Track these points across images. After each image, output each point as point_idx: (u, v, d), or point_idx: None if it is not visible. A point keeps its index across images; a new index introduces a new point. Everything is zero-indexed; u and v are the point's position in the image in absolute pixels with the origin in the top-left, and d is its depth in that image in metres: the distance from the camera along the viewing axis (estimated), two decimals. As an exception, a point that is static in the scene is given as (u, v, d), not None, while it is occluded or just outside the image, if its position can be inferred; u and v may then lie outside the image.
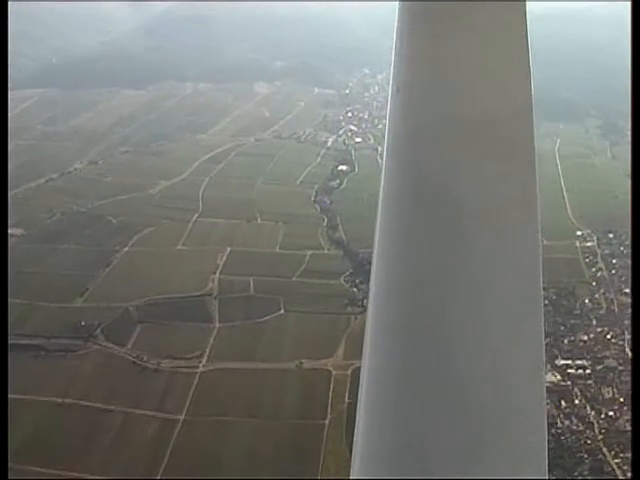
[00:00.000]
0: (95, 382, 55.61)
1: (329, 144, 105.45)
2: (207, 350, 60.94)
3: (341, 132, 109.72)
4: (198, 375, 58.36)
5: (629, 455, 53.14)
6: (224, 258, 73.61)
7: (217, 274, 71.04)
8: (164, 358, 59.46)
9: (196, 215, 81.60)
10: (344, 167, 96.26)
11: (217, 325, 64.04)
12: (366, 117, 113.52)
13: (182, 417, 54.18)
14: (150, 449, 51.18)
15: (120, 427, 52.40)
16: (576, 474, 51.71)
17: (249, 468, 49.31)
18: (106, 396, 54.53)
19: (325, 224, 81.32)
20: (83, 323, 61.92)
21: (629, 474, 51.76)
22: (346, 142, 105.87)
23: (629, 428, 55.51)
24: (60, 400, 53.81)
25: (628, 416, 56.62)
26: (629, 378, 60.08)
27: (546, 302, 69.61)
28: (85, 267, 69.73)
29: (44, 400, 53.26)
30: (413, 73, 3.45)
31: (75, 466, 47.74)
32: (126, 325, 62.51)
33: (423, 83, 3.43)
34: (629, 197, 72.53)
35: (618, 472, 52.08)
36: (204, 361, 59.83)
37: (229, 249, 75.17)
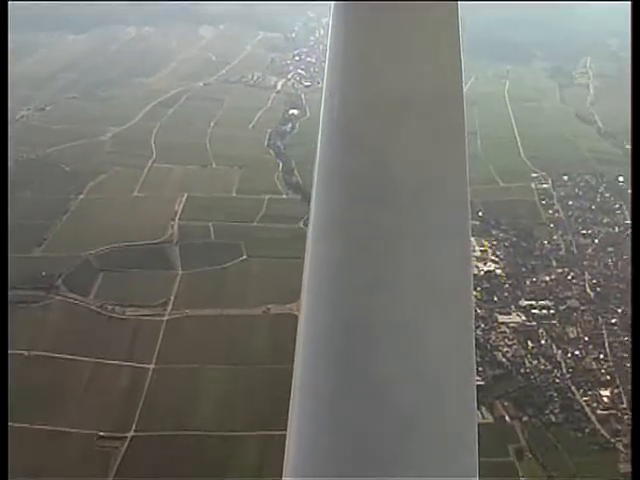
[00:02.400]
0: (61, 333, 54.39)
1: (278, 88, 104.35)
2: (172, 297, 60.09)
3: (290, 76, 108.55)
4: (164, 323, 57.52)
5: (597, 393, 53.99)
6: (182, 204, 72.46)
7: (176, 220, 69.97)
8: (128, 307, 58.47)
9: (150, 161, 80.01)
10: (295, 111, 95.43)
11: (180, 272, 63.16)
12: (314, 61, 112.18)
13: (152, 366, 53.43)
14: (123, 399, 50.48)
15: (90, 378, 51.51)
16: (547, 412, 52.29)
17: (224, 413, 48.92)
18: (73, 347, 53.42)
19: (281, 168, 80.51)
20: (43, 274, 60.39)
21: (598, 411, 52.59)
22: (295, 86, 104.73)
23: (595, 366, 56.34)
24: (27, 353, 52.51)
25: (594, 355, 57.55)
26: (592, 318, 60.95)
27: (506, 244, 70.49)
28: (41, 216, 67.94)
29: (9, 353, 51.78)
30: (347, 61, 3.43)
31: (49, 420, 46.66)
32: (87, 274, 61.27)
33: (357, 69, 3.39)
34: (581, 139, 73.33)
35: (587, 409, 52.86)
36: (169, 309, 58.99)
37: (186, 195, 73.98)
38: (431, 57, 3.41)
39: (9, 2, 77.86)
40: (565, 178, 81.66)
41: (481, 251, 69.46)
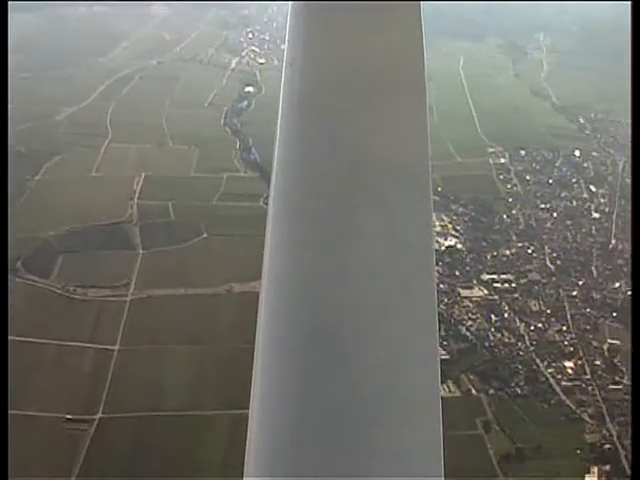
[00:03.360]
0: (23, 316, 53.53)
1: (233, 66, 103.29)
2: (133, 278, 59.53)
3: (244, 53, 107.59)
4: (128, 304, 56.98)
5: (561, 364, 54.73)
6: (140, 184, 71.60)
7: (135, 200, 69.13)
8: (90, 288, 57.79)
9: (107, 141, 78.80)
10: (251, 89, 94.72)
11: (140, 252, 62.59)
12: (267, 38, 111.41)
13: (117, 347, 52.94)
14: (89, 381, 49.99)
15: (55, 360, 50.91)
16: (512, 384, 52.94)
17: (191, 394, 48.77)
18: (36, 330, 52.70)
19: (238, 146, 80.00)
20: (2, 256, 59.42)
21: (563, 383, 53.31)
22: (250, 64, 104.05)
23: (558, 338, 57.09)
24: (-12, 336, 51.72)
25: (556, 327, 58.32)
26: (553, 291, 61.66)
27: (466, 219, 70.77)
28: (-3, 197, 66.73)
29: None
30: (307, 46, 3.43)
31: (14, 404, 45.90)
32: (47, 256, 60.43)
33: (318, 56, 3.41)
34: (536, 114, 74.01)
35: (552, 381, 53.59)
36: (132, 289, 58.44)
37: (144, 174, 73.05)
38: (392, 35, 3.42)
39: (9, 2, 76.55)
40: (522, 153, 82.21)
41: (441, 226, 69.80)
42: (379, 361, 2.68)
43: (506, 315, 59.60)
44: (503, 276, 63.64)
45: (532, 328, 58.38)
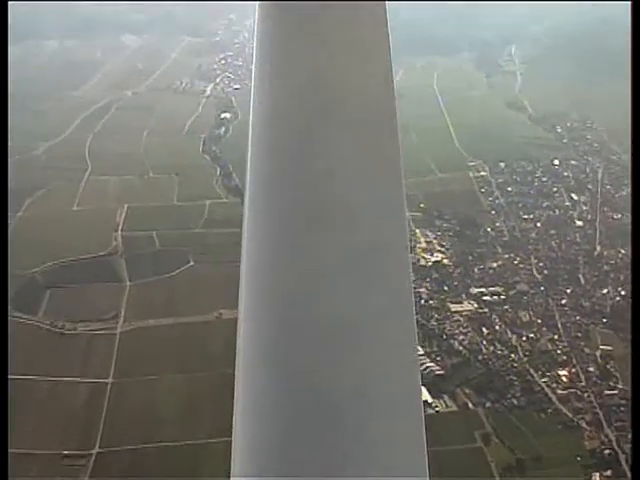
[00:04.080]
0: (13, 353, 52.87)
1: (208, 93, 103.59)
2: (122, 310, 59.37)
3: (218, 80, 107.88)
4: (118, 336, 56.76)
5: (555, 373, 54.80)
6: (123, 215, 71.47)
7: (119, 232, 69.03)
8: (79, 322, 57.50)
9: (87, 174, 78.63)
10: (227, 115, 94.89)
11: (128, 283, 62.42)
12: (240, 63, 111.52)
13: (110, 380, 52.62)
14: (84, 416, 49.68)
15: (48, 397, 50.52)
16: (508, 396, 53.01)
17: (187, 422, 48.49)
18: (27, 367, 52.31)
19: (218, 173, 79.99)
20: (-11, 294, 58.97)
21: (558, 391, 53.38)
22: (224, 90, 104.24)
23: (551, 348, 57.18)
24: (-21, 377, 51.22)
25: (548, 337, 58.40)
26: (542, 300, 61.84)
27: (450, 233, 71.04)
28: (-19, 236, 66.32)
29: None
30: (276, 61, 3.36)
31: (11, 442, 45.35)
32: (34, 292, 60.10)
33: (287, 71, 3.32)
34: (513, 125, 74.38)
35: (547, 390, 53.67)
36: (121, 321, 58.30)
37: (126, 205, 72.94)
38: (360, 52, 3.33)
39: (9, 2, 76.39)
40: (502, 165, 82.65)
41: (427, 242, 69.96)
42: (358, 365, 2.65)
43: (497, 327, 59.72)
44: (492, 289, 63.76)
45: (524, 339, 58.50)
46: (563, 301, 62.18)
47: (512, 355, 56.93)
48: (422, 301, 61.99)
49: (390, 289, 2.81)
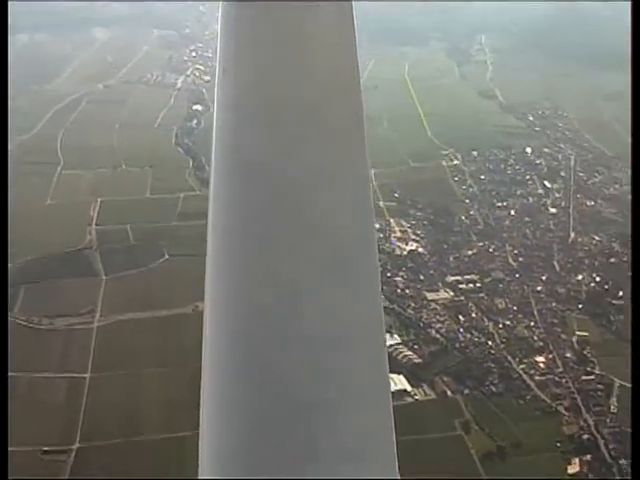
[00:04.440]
0: (-11, 350, 52.66)
1: (179, 85, 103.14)
2: (99, 304, 59.01)
3: (189, 72, 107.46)
4: (95, 330, 56.36)
5: (532, 360, 55.12)
6: (97, 209, 71.12)
7: (93, 226, 68.67)
8: (56, 317, 57.05)
9: (59, 168, 78.07)
10: (199, 107, 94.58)
11: (104, 277, 62.05)
12: (210, 55, 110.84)
13: (88, 375, 52.32)
14: (63, 411, 49.32)
15: (27, 393, 50.08)
16: (487, 383, 53.25)
17: (167, 416, 48.30)
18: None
19: (191, 165, 79.63)
20: (-37, 292, 58.46)
21: (536, 377, 53.69)
22: (196, 82, 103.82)
23: (527, 334, 57.50)
24: (-44, 374, 50.79)
25: (524, 324, 58.73)
26: (518, 287, 62.14)
27: (425, 222, 71.13)
28: (-46, 233, 65.69)
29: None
30: (240, 56, 3.34)
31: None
32: (10, 288, 59.39)
33: (251, 66, 3.32)
34: (485, 114, 74.62)
35: (525, 377, 53.95)
36: (98, 315, 57.91)
37: (100, 199, 72.59)
38: (326, 46, 3.31)
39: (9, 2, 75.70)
40: (474, 153, 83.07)
41: (401, 232, 70.12)
42: (327, 361, 2.68)
43: (474, 315, 60.03)
44: (467, 277, 64.08)
45: (501, 326, 58.88)
46: (539, 288, 62.61)
47: (489, 342, 57.28)
48: (398, 290, 62.29)
49: (358, 285, 2.84)
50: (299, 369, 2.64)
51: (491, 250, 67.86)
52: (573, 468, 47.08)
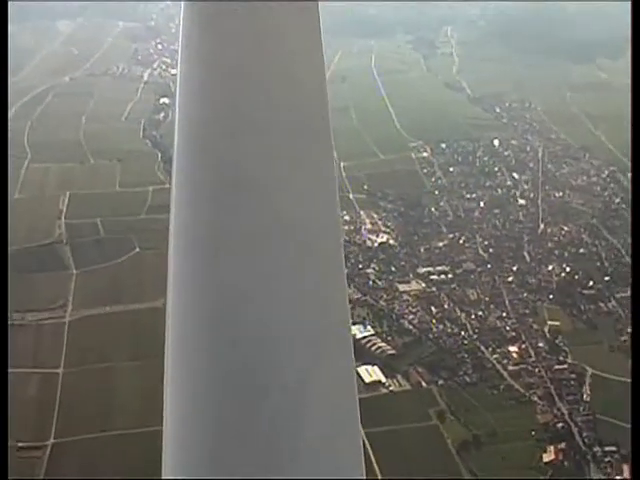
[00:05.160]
0: (-40, 346, 52.08)
1: (145, 78, 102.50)
2: (70, 298, 58.70)
3: (155, 65, 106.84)
4: (67, 325, 56.02)
5: (505, 350, 55.51)
6: (66, 202, 70.59)
7: (62, 219, 68.16)
8: (27, 312, 56.54)
9: (26, 162, 77.25)
10: (166, 100, 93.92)
11: (74, 271, 61.65)
12: (176, 48, 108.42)
13: (61, 370, 51.96)
14: (37, 407, 48.95)
15: None
16: (460, 373, 53.58)
17: (142, 409, 48.03)
18: (-24, 359, 51.28)
19: (160, 158, 79.14)
20: None
21: (509, 367, 54.06)
22: (162, 75, 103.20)
23: (500, 325, 57.87)
24: None
25: (496, 314, 59.13)
26: (489, 278, 62.53)
27: (395, 214, 71.32)
28: None
29: None
30: (202, 63, 3.23)
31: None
32: (-21, 283, 58.88)
33: (213, 73, 3.19)
34: (452, 106, 74.87)
35: (499, 367, 54.32)
36: (69, 310, 57.62)
37: (69, 193, 72.06)
38: (290, 41, 3.25)
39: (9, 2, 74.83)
40: (443, 145, 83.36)
41: (372, 224, 70.30)
42: (293, 361, 2.63)
43: (446, 306, 60.32)
44: (439, 268, 64.36)
45: (473, 317, 59.21)
46: (509, 278, 63.02)
47: (462, 333, 57.57)
48: (370, 282, 62.50)
49: (324, 277, 2.80)
50: (266, 370, 2.58)
51: (461, 241, 68.20)
52: (548, 456, 47.48)
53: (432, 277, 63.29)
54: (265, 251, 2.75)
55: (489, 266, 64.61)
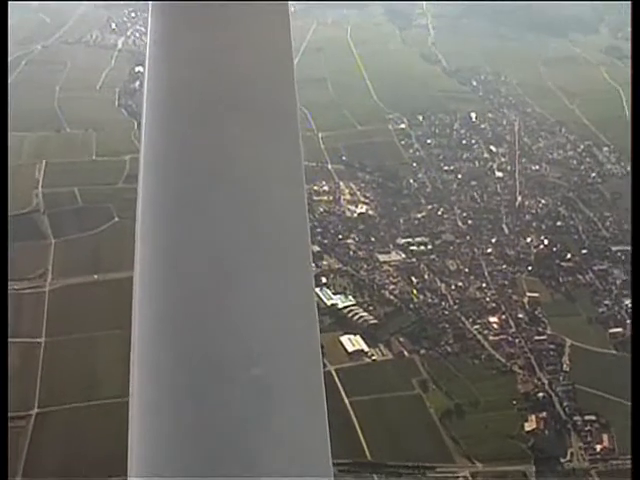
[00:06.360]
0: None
1: (119, 46, 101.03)
2: (49, 267, 58.43)
3: (129, 33, 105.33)
4: (47, 294, 55.76)
5: (486, 320, 55.99)
6: (42, 172, 69.84)
7: (39, 189, 67.50)
8: (6, 281, 56.00)
9: (1, 130, 76.32)
10: (141, 68, 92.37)
11: (52, 241, 61.30)
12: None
13: (43, 339, 51.77)
14: (19, 376, 48.61)
15: (-20, 358, 49.25)
16: (442, 343, 53.99)
17: (124, 379, 47.64)
18: (-44, 328, 50.87)
19: (136, 127, 78.27)
20: None
21: (490, 338, 54.56)
22: (136, 43, 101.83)
23: (479, 296, 58.33)
24: None
25: (476, 285, 59.55)
26: (468, 250, 62.89)
27: (374, 186, 71.53)
28: None
29: None
30: (170, 49, 3.37)
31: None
32: (-44, 252, 58.28)
33: (181, 58, 3.35)
34: (429, 79, 74.43)
35: (480, 337, 54.83)
36: (49, 279, 57.35)
37: (45, 161, 71.28)
38: (259, 27, 3.35)
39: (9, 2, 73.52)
40: (420, 118, 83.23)
41: (351, 194, 70.39)
42: (261, 355, 2.59)
43: (426, 276, 60.66)
44: (418, 239, 64.57)
45: (453, 287, 59.60)
46: (489, 250, 63.44)
47: (443, 303, 57.98)
48: (351, 252, 62.69)
49: (290, 273, 2.79)
50: (234, 365, 2.55)
51: (440, 213, 68.43)
52: (530, 425, 48.15)
53: (412, 248, 63.52)
54: (231, 236, 2.76)
55: (468, 238, 64.96)
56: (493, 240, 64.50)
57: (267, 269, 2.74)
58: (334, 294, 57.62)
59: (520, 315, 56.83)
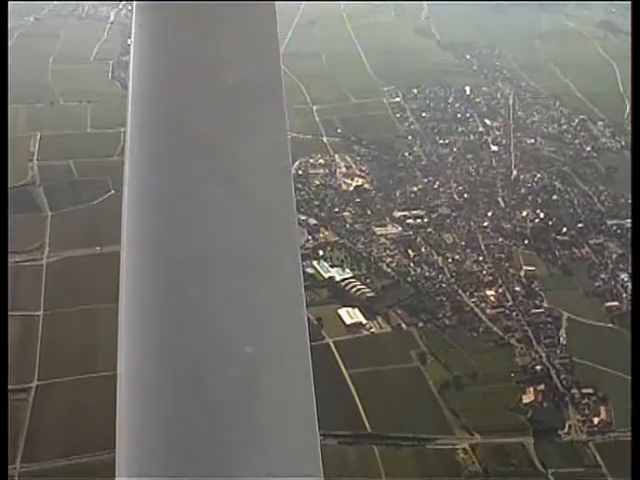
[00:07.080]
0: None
1: (112, 19, 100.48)
2: (46, 240, 58.36)
3: (121, 6, 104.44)
4: (45, 267, 55.69)
5: (483, 293, 56.22)
6: (37, 144, 69.72)
7: (34, 161, 67.45)
8: (4, 254, 55.91)
9: (-6, 102, 75.91)
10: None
11: (49, 213, 61.34)
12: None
13: (41, 312, 51.73)
14: (19, 350, 48.54)
15: (-20, 331, 49.22)
16: (440, 316, 54.17)
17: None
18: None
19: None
20: None
21: (487, 311, 54.79)
22: (129, 15, 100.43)
23: (476, 269, 58.51)
24: None
25: (473, 258, 59.75)
26: (464, 223, 63.06)
27: (369, 159, 71.53)
28: None
29: None
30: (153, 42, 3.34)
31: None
32: (-47, 225, 58.08)
33: (167, 41, 3.31)
34: (423, 52, 74.52)
35: (477, 310, 55.02)
36: (47, 252, 57.27)
37: (39, 134, 71.10)
38: (246, 29, 3.29)
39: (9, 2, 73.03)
40: (415, 91, 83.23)
41: (346, 167, 70.44)
42: (249, 322, 2.56)
43: (423, 250, 60.83)
44: (414, 212, 64.69)
45: (450, 260, 59.78)
46: (485, 223, 63.60)
47: (440, 276, 58.18)
48: (347, 225, 62.87)
49: (277, 259, 2.74)
50: (220, 363, 2.49)
51: (436, 186, 68.53)
52: (528, 397, 48.48)
53: (408, 221, 63.64)
54: (217, 219, 2.73)
55: (464, 211, 65.09)
56: (489, 214, 64.64)
57: (253, 250, 2.71)
58: (331, 267, 57.75)
59: (517, 288, 57.06)
